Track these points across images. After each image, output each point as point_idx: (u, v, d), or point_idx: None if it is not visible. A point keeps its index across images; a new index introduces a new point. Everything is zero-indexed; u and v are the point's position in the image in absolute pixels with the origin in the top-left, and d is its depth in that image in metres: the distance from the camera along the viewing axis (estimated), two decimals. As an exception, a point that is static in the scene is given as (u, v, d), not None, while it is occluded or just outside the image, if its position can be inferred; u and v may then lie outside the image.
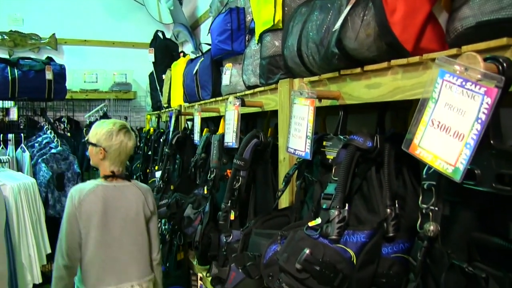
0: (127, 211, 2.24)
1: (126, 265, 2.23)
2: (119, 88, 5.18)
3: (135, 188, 2.30)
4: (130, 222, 2.25)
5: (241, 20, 2.16)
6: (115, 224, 2.20)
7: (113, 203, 2.21)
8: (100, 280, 2.17)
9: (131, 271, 2.24)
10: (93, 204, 2.15)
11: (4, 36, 4.92)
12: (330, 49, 1.15)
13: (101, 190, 2.20)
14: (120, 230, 2.22)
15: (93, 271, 2.17)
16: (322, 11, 1.26)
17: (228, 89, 2.18)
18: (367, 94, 1.11)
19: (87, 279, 2.17)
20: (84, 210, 2.14)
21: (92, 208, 2.15)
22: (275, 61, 1.58)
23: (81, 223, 2.14)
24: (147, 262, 2.32)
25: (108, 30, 5.40)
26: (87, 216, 2.15)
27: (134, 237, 2.26)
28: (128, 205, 2.25)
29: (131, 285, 2.22)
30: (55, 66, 4.31)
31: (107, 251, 2.18)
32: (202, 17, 4.41)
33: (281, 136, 1.48)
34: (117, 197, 2.23)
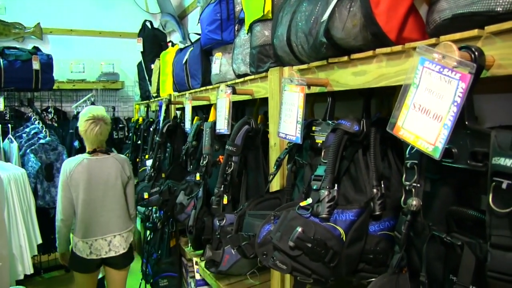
0: (107, 177, 2.82)
1: (108, 220, 2.81)
2: (106, 78, 5.18)
3: (113, 159, 2.88)
4: (111, 186, 2.82)
5: (230, 10, 2.21)
6: (98, 188, 2.79)
7: (95, 171, 2.79)
8: (88, 231, 2.75)
9: (113, 225, 2.82)
10: (80, 174, 2.75)
11: (-15, 24, 4.83)
12: (318, 39, 1.21)
13: (86, 162, 2.79)
14: (102, 193, 2.80)
15: (82, 225, 2.75)
16: (310, 2, 1.32)
17: (218, 78, 2.24)
18: (354, 81, 1.17)
19: (79, 232, 2.76)
20: (73, 178, 2.75)
21: (79, 177, 2.75)
22: (265, 50, 1.64)
23: (71, 188, 2.75)
24: (126, 217, 2.90)
25: (95, 19, 5.38)
26: (76, 182, 2.75)
27: (115, 198, 2.85)
28: (108, 172, 2.83)
29: (113, 235, 2.81)
30: (42, 56, 4.29)
31: (92, 209, 2.77)
32: (189, 6, 4.44)
33: (271, 123, 1.55)
34: (98, 167, 2.81)
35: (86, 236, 2.75)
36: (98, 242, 2.78)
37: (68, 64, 5.03)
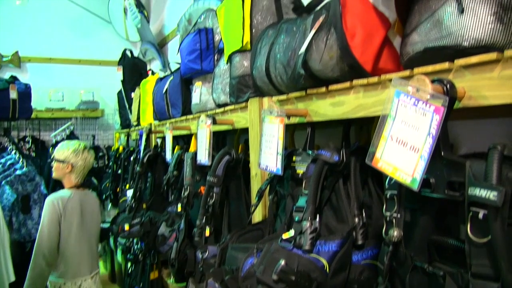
0: (92, 211, 2.90)
1: (93, 256, 2.87)
2: (86, 106, 5.15)
3: (92, 194, 3.00)
4: (95, 222, 2.91)
5: (209, 40, 2.23)
6: (87, 223, 2.83)
7: (85, 206, 2.85)
8: (79, 270, 2.74)
9: (95, 262, 2.90)
10: (73, 209, 2.76)
11: (-38, 54, 4.80)
12: (297, 70, 1.23)
13: (77, 196, 2.83)
14: (89, 227, 2.85)
15: (72, 264, 2.72)
16: (288, 34, 1.34)
17: (198, 107, 2.24)
18: (332, 112, 1.19)
19: (67, 272, 2.72)
20: (68, 213, 2.73)
21: (74, 211, 2.76)
22: (245, 81, 1.66)
23: (63, 224, 2.71)
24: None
25: (74, 47, 5.37)
26: (70, 217, 2.74)
27: (95, 233, 2.93)
28: (93, 207, 2.92)
29: (96, 272, 2.88)
30: (19, 85, 4.24)
31: (83, 245, 2.77)
32: (169, 35, 4.47)
33: (252, 153, 1.55)
34: (86, 201, 2.88)
35: (76, 276, 2.72)
36: (87, 282, 2.77)
37: (47, 92, 5.00)
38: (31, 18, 5.21)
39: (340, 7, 1.06)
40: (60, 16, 5.32)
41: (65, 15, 5.34)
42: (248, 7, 1.67)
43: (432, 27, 0.90)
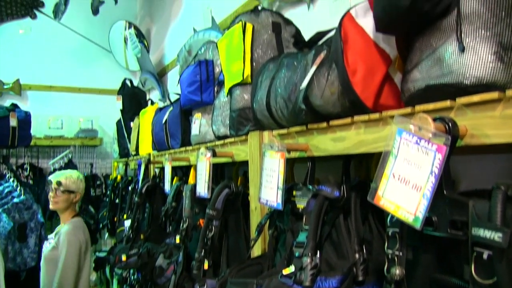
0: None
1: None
2: (84, 135, 5.16)
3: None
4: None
5: (209, 72, 2.25)
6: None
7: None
8: None
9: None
10: (87, 236, 2.99)
11: (-37, 87, 4.83)
12: (297, 105, 1.24)
13: (84, 225, 3.02)
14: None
15: None
16: (289, 69, 1.35)
17: (197, 138, 2.24)
18: (333, 147, 1.19)
19: None
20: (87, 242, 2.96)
21: (88, 239, 2.97)
22: (245, 114, 1.66)
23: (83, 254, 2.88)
24: None
25: (74, 76, 5.41)
26: (87, 245, 2.95)
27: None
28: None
29: None
30: (20, 113, 4.25)
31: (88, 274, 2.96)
32: (169, 65, 4.51)
33: (252, 186, 1.55)
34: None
35: None
36: None
37: (46, 120, 5.01)
38: (33, 46, 5.27)
39: (342, 43, 1.07)
40: (61, 44, 5.38)
41: (67, 44, 5.40)
42: (249, 41, 1.69)
43: (433, 64, 0.91)
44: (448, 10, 0.87)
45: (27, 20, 5.29)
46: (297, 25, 1.78)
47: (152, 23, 5.29)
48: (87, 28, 5.42)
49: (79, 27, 5.36)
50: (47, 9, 5.19)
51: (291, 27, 1.79)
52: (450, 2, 0.86)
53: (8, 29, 5.22)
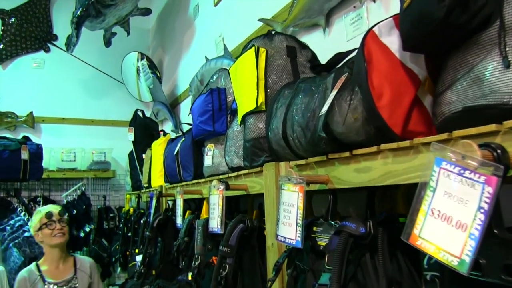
0: None
1: None
2: (97, 167, 5.09)
3: None
4: None
5: (222, 100, 2.17)
6: None
7: None
8: None
9: None
10: None
11: (-22, 114, 4.83)
12: (317, 133, 1.14)
13: None
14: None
15: None
16: (306, 94, 1.26)
17: (210, 170, 2.15)
18: (357, 178, 1.08)
19: None
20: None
21: None
22: (259, 144, 1.56)
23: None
24: None
25: (87, 108, 5.37)
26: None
27: None
28: None
29: None
30: (31, 146, 4.20)
31: None
32: (181, 95, 4.45)
33: (268, 221, 1.43)
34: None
35: None
36: None
37: (59, 152, 4.96)
38: (46, 79, 5.26)
39: (366, 64, 0.98)
40: (74, 77, 5.37)
41: (79, 76, 5.39)
42: (263, 66, 1.60)
43: (470, 84, 0.81)
44: (488, 21, 0.77)
45: (40, 53, 5.31)
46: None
47: (164, 53, 5.27)
48: (99, 60, 5.41)
49: (91, 59, 5.35)
50: (60, 41, 5.20)
51: (306, 51, 1.70)
52: (490, 12, 0.76)
53: (22, 63, 5.23)
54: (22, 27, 5.26)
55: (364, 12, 1.84)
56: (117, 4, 4.22)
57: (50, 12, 5.46)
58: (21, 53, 5.23)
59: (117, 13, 4.42)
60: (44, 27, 5.38)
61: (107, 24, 4.57)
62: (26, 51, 5.25)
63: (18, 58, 5.22)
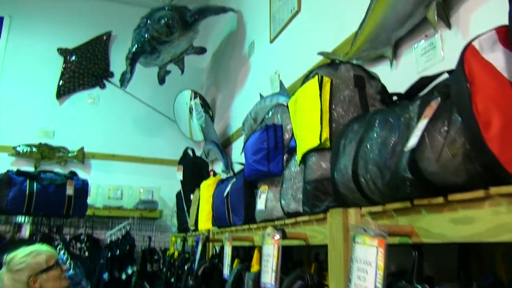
0: None
1: None
2: (144, 206, 4.97)
3: None
4: None
5: (278, 138, 1.97)
6: None
7: None
8: None
9: None
10: None
11: (32, 148, 4.86)
12: (399, 173, 0.92)
13: None
14: None
15: None
16: (383, 127, 1.05)
17: (263, 214, 1.94)
18: (454, 232, 0.85)
19: None
20: None
21: None
22: (323, 186, 1.35)
23: None
24: None
25: (138, 145, 5.33)
26: None
27: None
28: None
29: None
30: (77, 181, 4.12)
31: None
32: (234, 135, 4.32)
33: (332, 279, 1.19)
34: None
35: None
36: None
37: (107, 189, 4.90)
38: (100, 115, 5.30)
39: (468, 85, 0.76)
40: (126, 113, 5.38)
41: (132, 112, 5.39)
42: (327, 98, 1.41)
43: None
44: None
45: (96, 90, 5.38)
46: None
47: (218, 92, 5.20)
48: (152, 97, 5.42)
49: (144, 96, 5.37)
50: (116, 78, 5.26)
51: (376, 82, 1.50)
52: None
53: (78, 99, 5.30)
54: (81, 64, 5.38)
55: (438, 41, 1.63)
56: (173, 41, 4.20)
57: (109, 50, 5.58)
58: (78, 89, 5.32)
59: (172, 51, 4.40)
60: (102, 64, 5.48)
61: (161, 61, 4.56)
62: (83, 87, 5.35)
63: (75, 94, 5.31)
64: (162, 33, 4.06)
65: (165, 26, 4.01)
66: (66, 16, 5.45)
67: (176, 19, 4.09)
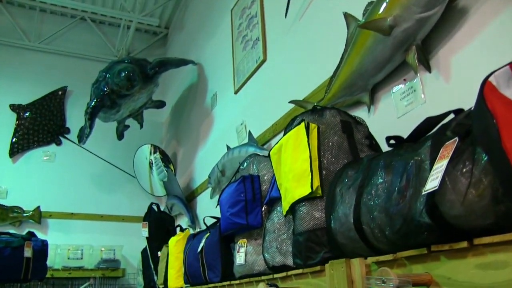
0: None
1: None
2: (106, 265, 4.74)
3: None
4: None
5: (256, 189, 1.90)
6: None
7: None
8: None
9: None
10: None
11: (-16, 209, 4.60)
12: (414, 219, 0.86)
13: None
14: None
15: None
16: (387, 172, 1.00)
17: (243, 269, 1.83)
18: (482, 278, 0.78)
19: None
20: None
21: None
22: (316, 237, 1.27)
23: None
24: None
25: (97, 202, 5.14)
26: None
27: None
28: None
29: None
30: (36, 242, 3.83)
31: None
32: (198, 188, 4.20)
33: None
34: None
35: None
36: None
37: (66, 249, 4.66)
38: (56, 172, 5.11)
39: (495, 121, 0.73)
40: (84, 170, 5.21)
41: (90, 169, 5.24)
42: (315, 144, 1.36)
43: None
44: None
45: (52, 147, 5.22)
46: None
47: (179, 145, 5.11)
48: (111, 153, 5.28)
49: (103, 152, 5.23)
50: (73, 134, 5.11)
51: (362, 127, 1.48)
52: None
53: (32, 156, 5.12)
54: (36, 120, 5.24)
55: (418, 84, 1.63)
56: (133, 95, 4.13)
57: (65, 105, 5.46)
58: (32, 146, 5.16)
59: (132, 104, 4.32)
60: (57, 120, 5.35)
61: (120, 116, 4.46)
62: (38, 144, 5.19)
63: (29, 151, 5.13)
64: (123, 87, 3.97)
65: (126, 79, 3.93)
66: (19, 71, 5.33)
67: (137, 72, 4.03)
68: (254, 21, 3.22)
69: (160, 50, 6.10)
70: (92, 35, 5.83)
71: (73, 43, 5.68)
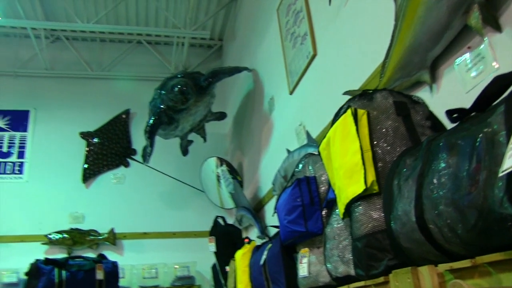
0: None
1: None
2: (181, 283, 4.69)
3: None
4: None
5: (313, 192, 1.71)
6: None
7: None
8: None
9: None
10: None
11: (64, 235, 4.77)
12: (493, 210, 0.65)
13: None
14: None
15: None
16: (451, 153, 0.78)
17: (307, 282, 1.65)
18: None
19: None
20: None
21: None
22: (377, 241, 1.07)
23: None
24: None
25: (168, 220, 5.13)
26: None
27: None
28: None
29: None
30: (107, 264, 3.86)
31: None
32: (265, 197, 4.05)
33: None
34: None
35: None
36: None
37: (140, 269, 4.68)
38: (126, 194, 5.17)
39: None
40: (154, 189, 5.23)
41: (158, 188, 5.25)
42: (366, 133, 1.16)
43: None
44: None
45: (120, 169, 5.30)
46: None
47: (243, 155, 5.00)
48: (178, 170, 5.27)
49: (169, 170, 5.22)
50: (139, 155, 5.14)
51: (421, 107, 1.25)
52: None
53: (103, 180, 5.22)
54: (103, 145, 5.35)
55: (487, 49, 1.37)
56: (190, 109, 4.06)
57: (129, 127, 5.55)
58: (102, 170, 5.26)
59: (191, 119, 4.25)
60: (123, 142, 5.43)
61: (181, 131, 4.41)
62: (108, 168, 5.28)
63: (100, 175, 5.24)
64: (177, 101, 3.92)
65: (180, 93, 3.87)
66: (85, 99, 5.50)
67: (190, 85, 3.96)
68: (300, 16, 3.05)
69: (216, 62, 6.06)
70: (149, 56, 5.92)
71: (132, 67, 5.80)
